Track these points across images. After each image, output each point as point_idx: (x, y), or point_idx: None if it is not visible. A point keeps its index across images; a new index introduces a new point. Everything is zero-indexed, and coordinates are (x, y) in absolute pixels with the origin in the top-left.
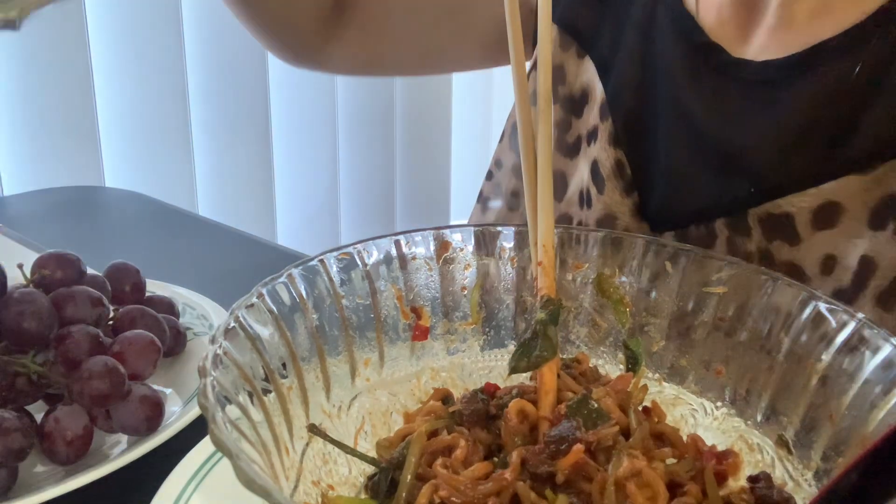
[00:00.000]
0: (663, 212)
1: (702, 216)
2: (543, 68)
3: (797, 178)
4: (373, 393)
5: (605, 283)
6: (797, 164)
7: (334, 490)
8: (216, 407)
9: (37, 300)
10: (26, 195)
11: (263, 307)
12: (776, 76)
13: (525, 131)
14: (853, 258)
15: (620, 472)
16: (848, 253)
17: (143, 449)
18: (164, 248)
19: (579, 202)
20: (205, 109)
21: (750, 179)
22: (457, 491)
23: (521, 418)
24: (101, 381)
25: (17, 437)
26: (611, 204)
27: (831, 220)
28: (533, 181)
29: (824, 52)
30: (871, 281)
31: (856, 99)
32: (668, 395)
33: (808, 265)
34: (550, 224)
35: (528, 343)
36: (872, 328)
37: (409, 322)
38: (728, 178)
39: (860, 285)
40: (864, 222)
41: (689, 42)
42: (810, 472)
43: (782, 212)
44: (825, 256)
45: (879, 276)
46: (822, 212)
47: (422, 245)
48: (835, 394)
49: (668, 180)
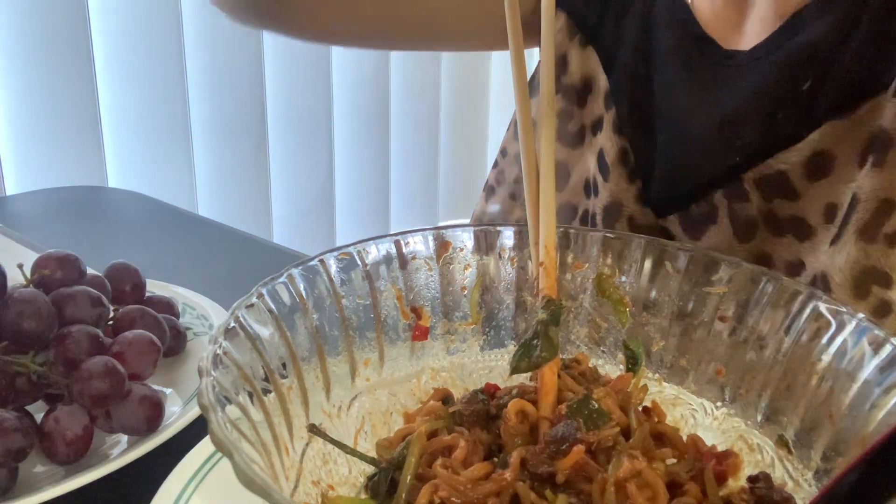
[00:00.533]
0: (665, 195)
1: (701, 193)
2: (546, 69)
3: (782, 135)
4: (373, 393)
5: (605, 283)
6: (780, 123)
7: (334, 490)
8: (216, 407)
9: (37, 300)
10: (27, 195)
11: (263, 307)
12: (761, 55)
13: (525, 131)
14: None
15: (621, 473)
16: (847, 198)
17: (143, 449)
18: (165, 248)
19: (585, 191)
20: (204, 111)
21: (740, 148)
22: (456, 491)
23: (520, 418)
24: (101, 381)
25: (17, 437)
26: (616, 191)
27: (824, 169)
28: (534, 181)
29: (798, 21)
30: (854, 215)
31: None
32: (668, 395)
33: (811, 216)
34: (552, 225)
35: (529, 343)
36: (873, 328)
37: (409, 322)
38: (721, 152)
39: (845, 222)
40: (855, 165)
41: (684, 33)
42: (810, 472)
43: (775, 170)
44: (826, 205)
45: (861, 209)
46: (812, 163)
47: (422, 245)
48: (835, 394)
49: (667, 165)
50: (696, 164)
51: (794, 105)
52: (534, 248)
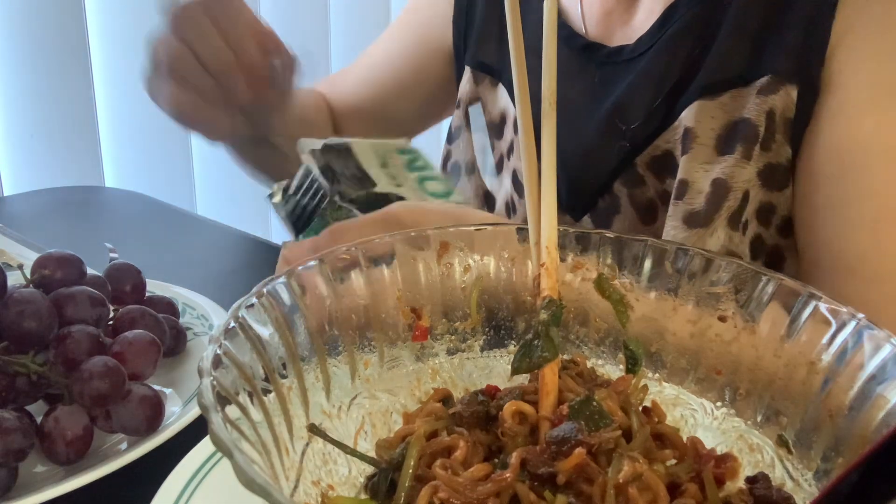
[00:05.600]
0: (573, 198)
1: (604, 186)
2: (548, 71)
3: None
4: (373, 393)
5: (605, 283)
6: (659, 106)
7: (334, 490)
8: (216, 407)
9: (37, 300)
10: (27, 195)
11: (263, 307)
12: (645, 47)
13: (526, 132)
14: (705, 182)
15: (622, 477)
16: (699, 177)
17: (143, 449)
18: (165, 248)
19: (507, 212)
20: None
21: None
22: (456, 492)
23: (518, 419)
24: (101, 381)
25: (17, 437)
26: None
27: (687, 145)
28: (535, 182)
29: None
30: (725, 203)
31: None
32: (668, 395)
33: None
34: (554, 226)
35: (530, 344)
36: (873, 328)
37: (409, 322)
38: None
39: (715, 207)
40: (713, 147)
41: (569, 46)
42: (810, 472)
43: (663, 151)
44: (679, 182)
45: (732, 197)
46: (683, 139)
47: (422, 245)
48: (835, 394)
49: (569, 170)
50: (592, 155)
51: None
52: (535, 249)
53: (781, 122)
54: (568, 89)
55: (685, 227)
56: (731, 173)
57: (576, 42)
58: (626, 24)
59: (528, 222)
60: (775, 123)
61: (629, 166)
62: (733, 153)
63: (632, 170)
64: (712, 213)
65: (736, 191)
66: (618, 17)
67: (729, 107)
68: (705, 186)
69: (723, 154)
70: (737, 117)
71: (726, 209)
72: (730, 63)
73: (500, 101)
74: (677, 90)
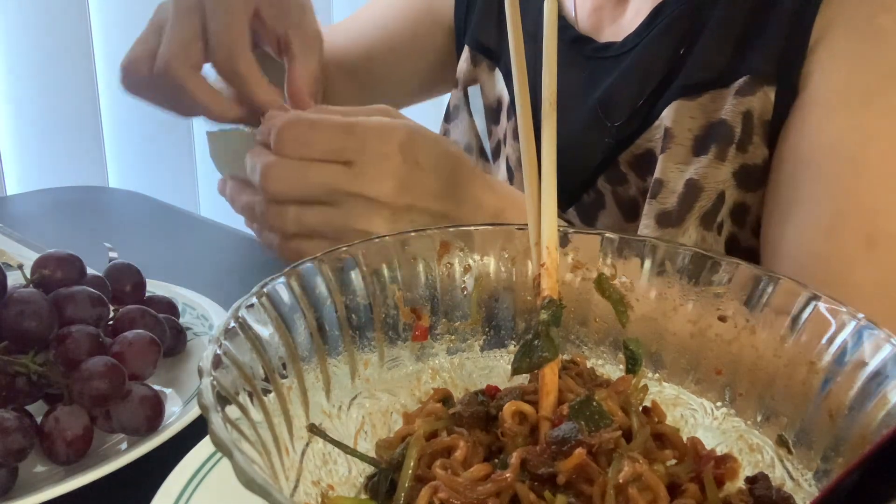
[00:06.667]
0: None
1: (589, 182)
2: (549, 72)
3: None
4: (373, 393)
5: (605, 283)
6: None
7: (334, 490)
8: (216, 407)
9: (37, 300)
10: (28, 195)
11: (263, 307)
12: (631, 45)
13: (526, 132)
14: (679, 182)
15: (622, 477)
16: (674, 177)
17: (143, 449)
18: (165, 248)
19: None
20: None
21: (612, 130)
22: (456, 492)
23: (519, 419)
24: (101, 381)
25: (17, 437)
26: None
27: (665, 145)
28: (535, 182)
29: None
30: (697, 203)
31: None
32: (668, 395)
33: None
34: (554, 226)
35: (530, 344)
36: (873, 328)
37: (409, 322)
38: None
39: (687, 207)
40: (689, 148)
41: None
42: (810, 472)
43: (644, 149)
44: (655, 181)
45: (704, 197)
46: (663, 139)
47: (422, 245)
48: (835, 394)
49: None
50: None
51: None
52: (535, 249)
53: (759, 123)
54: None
55: (657, 227)
56: (705, 174)
57: (567, 34)
58: (615, 20)
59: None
60: (753, 125)
61: (612, 163)
62: (708, 154)
63: (615, 167)
64: (684, 213)
65: (709, 191)
66: (608, 13)
67: (708, 108)
68: (679, 186)
69: (698, 155)
70: (715, 119)
71: (698, 209)
72: (710, 64)
73: (496, 86)
74: (660, 90)
